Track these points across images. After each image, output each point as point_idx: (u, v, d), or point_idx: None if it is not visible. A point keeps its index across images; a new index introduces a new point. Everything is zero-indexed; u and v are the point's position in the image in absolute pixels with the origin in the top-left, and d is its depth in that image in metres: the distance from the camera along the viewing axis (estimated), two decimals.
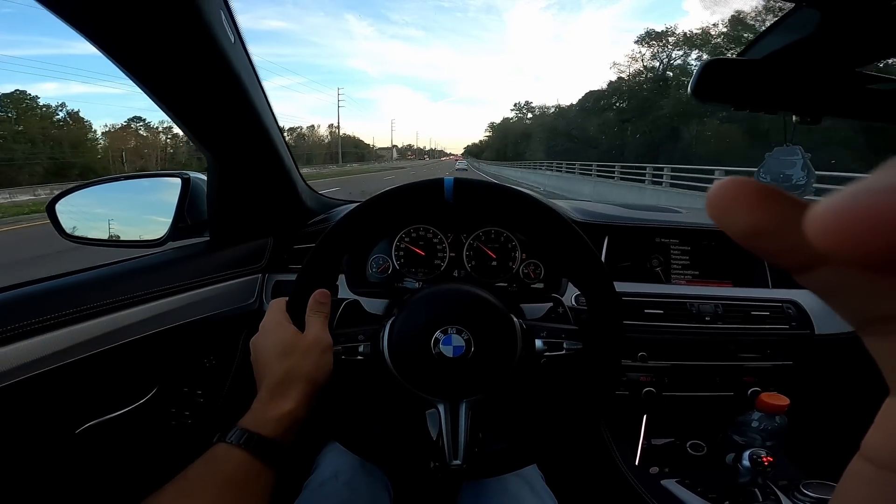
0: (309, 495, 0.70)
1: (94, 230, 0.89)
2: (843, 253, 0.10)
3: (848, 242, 0.10)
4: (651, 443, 0.93)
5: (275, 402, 0.49)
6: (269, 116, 0.78)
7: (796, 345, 0.88)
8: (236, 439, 0.45)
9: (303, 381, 0.51)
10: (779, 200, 0.13)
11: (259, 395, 0.51)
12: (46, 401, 0.63)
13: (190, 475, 0.43)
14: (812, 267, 0.13)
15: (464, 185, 0.62)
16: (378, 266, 0.92)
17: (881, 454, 0.15)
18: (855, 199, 0.10)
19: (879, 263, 0.10)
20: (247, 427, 0.47)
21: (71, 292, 0.67)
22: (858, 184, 0.11)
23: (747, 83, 0.58)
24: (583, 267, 0.60)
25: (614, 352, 0.59)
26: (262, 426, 0.47)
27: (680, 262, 0.96)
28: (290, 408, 0.49)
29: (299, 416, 0.50)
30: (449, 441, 0.57)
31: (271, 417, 0.48)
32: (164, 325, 0.75)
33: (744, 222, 0.13)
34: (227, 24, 0.62)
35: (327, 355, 0.55)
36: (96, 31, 0.54)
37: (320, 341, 0.54)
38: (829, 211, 0.11)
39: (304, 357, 0.52)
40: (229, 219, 0.89)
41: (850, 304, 0.14)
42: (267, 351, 0.53)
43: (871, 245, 0.10)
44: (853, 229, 0.10)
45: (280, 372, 0.51)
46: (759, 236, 0.13)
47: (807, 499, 0.72)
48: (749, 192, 0.13)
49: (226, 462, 0.44)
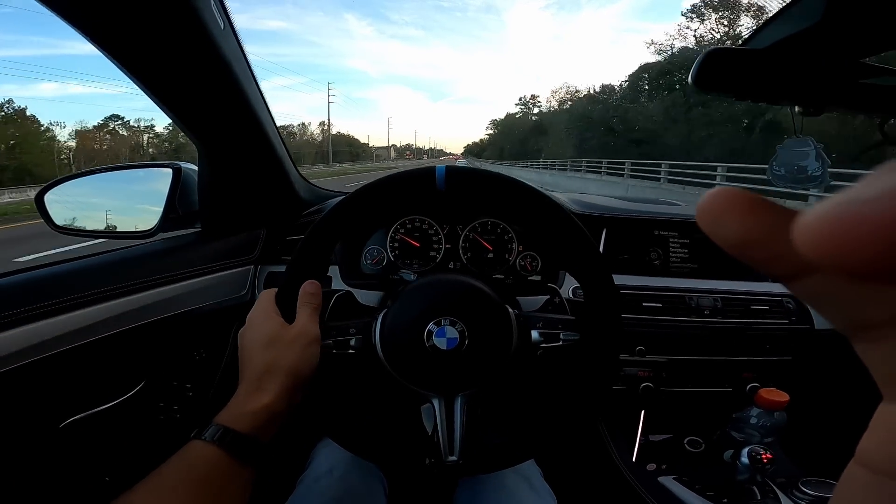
0: (303, 491, 0.69)
1: (84, 221, 0.88)
2: (832, 262, 0.11)
3: (836, 251, 0.10)
4: (648, 439, 0.93)
5: (252, 395, 0.48)
6: (262, 105, 0.76)
7: (796, 340, 0.87)
8: (210, 436, 0.44)
9: (283, 373, 0.49)
10: (767, 210, 0.13)
11: (238, 388, 0.49)
12: (29, 394, 0.61)
13: (163, 473, 0.41)
14: (801, 275, 0.13)
15: (456, 173, 0.60)
16: (373, 257, 0.91)
17: (876, 459, 0.15)
18: (843, 209, 0.10)
19: (867, 272, 0.10)
20: (223, 423, 0.45)
21: (56, 282, 0.66)
22: (846, 192, 0.11)
23: (749, 73, 0.57)
24: (580, 258, 0.58)
25: (612, 344, 0.58)
26: (238, 421, 0.46)
27: (679, 255, 0.95)
28: (267, 401, 0.48)
29: (278, 410, 0.48)
30: (444, 437, 0.56)
31: (248, 412, 0.47)
32: (153, 317, 0.73)
33: (733, 232, 0.13)
34: (216, 10, 0.61)
35: (312, 348, 0.53)
36: (80, 15, 0.53)
37: (306, 333, 0.53)
38: (817, 220, 0.11)
39: (287, 349, 0.51)
40: (221, 209, 0.88)
41: (839, 311, 0.14)
42: (252, 343, 0.52)
43: (858, 254, 0.10)
44: (841, 238, 0.10)
45: (261, 364, 0.50)
46: (749, 245, 0.13)
47: (806, 497, 0.72)
48: (738, 202, 0.13)
49: (199, 459, 0.43)
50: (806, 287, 0.14)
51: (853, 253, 0.10)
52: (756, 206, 0.13)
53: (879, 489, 0.14)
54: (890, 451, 0.14)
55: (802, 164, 0.66)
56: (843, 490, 0.16)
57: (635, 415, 0.93)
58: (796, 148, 0.66)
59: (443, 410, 0.57)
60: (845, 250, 0.10)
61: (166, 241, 0.85)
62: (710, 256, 0.96)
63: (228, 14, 0.64)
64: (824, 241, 0.11)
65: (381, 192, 0.59)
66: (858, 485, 0.15)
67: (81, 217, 0.88)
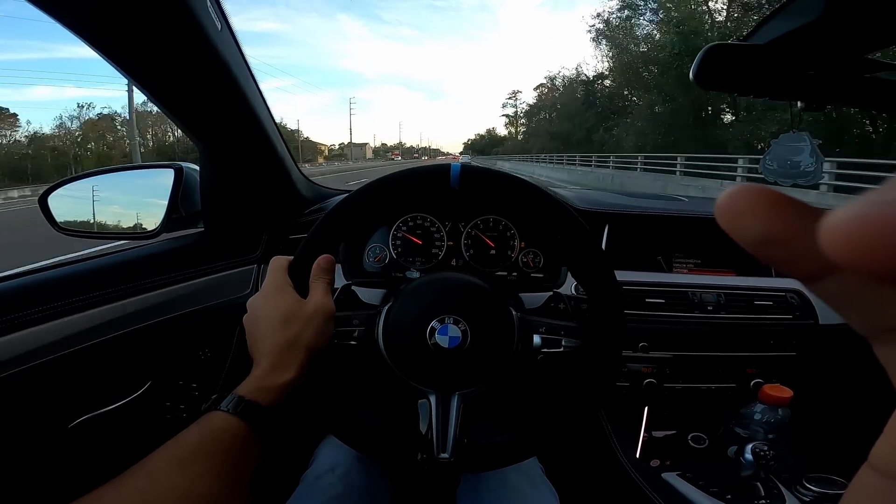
0: (306, 489, 0.69)
1: (87, 222, 0.89)
2: (859, 264, 0.10)
3: (864, 253, 0.10)
4: (652, 435, 0.92)
5: (276, 371, 0.48)
6: (261, 104, 0.76)
7: (800, 335, 0.86)
8: (233, 407, 0.44)
9: (303, 350, 0.50)
10: (791, 208, 0.13)
11: (258, 362, 0.49)
12: (38, 395, 0.62)
13: (182, 442, 0.41)
14: (823, 275, 0.13)
15: (471, 172, 0.60)
16: (375, 255, 0.91)
17: (891, 465, 0.14)
18: (871, 210, 0.10)
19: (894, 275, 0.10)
20: (245, 395, 0.45)
21: (62, 284, 0.67)
22: (874, 193, 0.11)
23: (750, 69, 0.56)
24: (584, 256, 0.58)
25: (615, 343, 0.58)
26: (261, 395, 0.46)
27: (681, 251, 0.95)
28: (289, 378, 0.48)
29: (297, 386, 0.49)
30: (438, 433, 0.56)
31: (271, 387, 0.47)
32: (158, 317, 0.74)
33: (755, 230, 0.13)
34: (213, 10, 0.61)
35: (329, 324, 0.53)
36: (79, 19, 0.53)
37: (324, 309, 0.53)
38: (845, 221, 0.10)
39: (307, 326, 0.51)
40: (223, 209, 0.88)
41: (861, 313, 0.14)
42: (267, 318, 0.52)
43: (887, 257, 0.10)
44: (869, 240, 0.10)
45: (282, 341, 0.49)
46: (771, 244, 0.13)
47: (810, 493, 0.71)
48: (761, 200, 0.13)
49: (221, 430, 0.43)
50: (828, 288, 0.13)
51: (880, 256, 0.10)
52: (780, 204, 0.13)
53: (894, 495, 0.14)
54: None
55: (796, 159, 0.66)
56: (855, 495, 0.16)
57: (638, 411, 0.93)
58: (791, 143, 0.66)
59: (438, 407, 0.57)
60: (874, 253, 0.10)
61: (169, 241, 0.86)
62: (713, 252, 0.95)
63: (225, 15, 0.64)
64: (851, 242, 0.10)
65: (396, 185, 0.60)
66: (871, 490, 0.15)
67: (84, 218, 0.89)
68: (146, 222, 0.87)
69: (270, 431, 0.46)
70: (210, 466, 0.40)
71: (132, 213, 0.91)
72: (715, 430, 0.91)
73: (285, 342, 0.49)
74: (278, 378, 0.48)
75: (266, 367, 0.48)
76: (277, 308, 0.52)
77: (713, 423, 0.91)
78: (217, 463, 0.40)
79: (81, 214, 0.88)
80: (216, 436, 0.42)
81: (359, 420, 0.57)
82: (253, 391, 0.46)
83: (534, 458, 0.76)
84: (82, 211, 0.88)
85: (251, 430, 0.44)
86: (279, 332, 0.50)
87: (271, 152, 0.84)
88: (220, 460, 0.41)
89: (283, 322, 0.51)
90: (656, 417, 0.93)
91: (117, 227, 0.90)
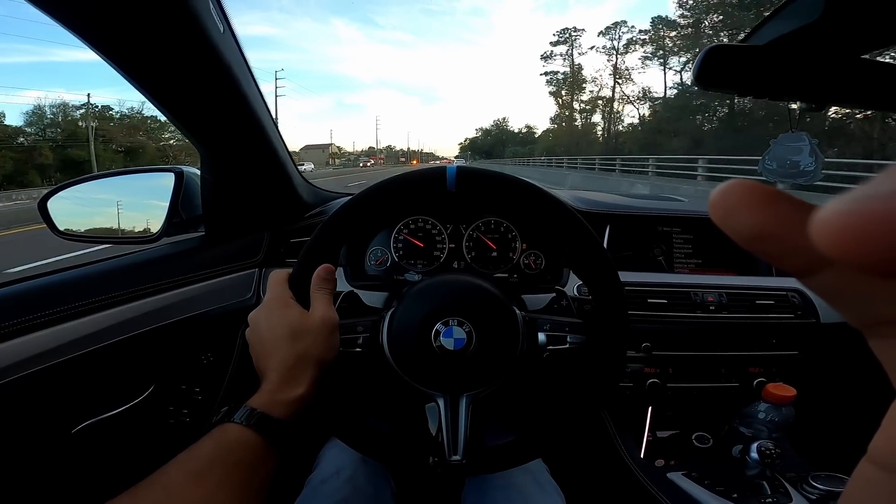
0: (311, 492, 0.69)
1: (87, 226, 0.88)
2: (850, 257, 0.10)
3: (854, 247, 0.10)
4: (656, 435, 0.92)
5: (287, 385, 0.48)
6: (262, 108, 0.76)
7: (802, 334, 0.86)
8: (247, 420, 0.44)
9: (313, 364, 0.49)
10: (783, 203, 0.13)
11: (268, 377, 0.49)
12: (41, 400, 0.62)
13: (197, 454, 0.41)
14: (816, 270, 0.13)
15: (466, 174, 0.60)
16: (376, 258, 0.91)
17: (889, 457, 0.15)
18: (862, 203, 0.10)
19: (886, 268, 0.10)
20: (258, 408, 0.45)
21: (65, 289, 0.66)
22: (865, 187, 0.11)
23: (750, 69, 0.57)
24: (587, 258, 0.58)
25: (619, 343, 0.58)
26: (274, 409, 0.46)
27: (683, 251, 0.95)
28: (301, 392, 0.48)
29: (309, 401, 0.49)
30: (448, 436, 0.56)
31: (283, 401, 0.47)
32: (161, 322, 0.74)
33: (748, 225, 0.13)
34: (215, 13, 0.60)
35: (335, 336, 0.53)
36: (81, 22, 0.53)
37: (329, 322, 0.52)
38: (836, 215, 0.11)
39: (315, 340, 0.50)
40: (224, 213, 0.88)
41: (855, 307, 0.14)
42: (273, 332, 0.51)
43: (878, 250, 0.10)
44: (860, 234, 0.10)
45: (291, 356, 0.49)
46: (763, 239, 0.13)
47: (816, 491, 0.71)
48: (754, 195, 0.13)
49: (236, 443, 0.42)
50: (821, 282, 0.14)
51: (872, 249, 0.10)
52: (771, 199, 0.13)
53: (892, 487, 0.14)
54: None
55: (795, 159, 0.66)
56: (855, 487, 0.16)
57: (642, 411, 0.93)
58: (790, 143, 0.66)
59: (447, 410, 0.57)
60: (864, 246, 0.10)
61: (170, 245, 0.86)
62: (715, 251, 0.95)
63: (227, 17, 0.64)
64: (842, 235, 0.10)
65: (393, 190, 0.60)
66: (870, 483, 0.15)
67: (84, 222, 0.89)
68: (147, 226, 0.86)
69: (284, 444, 0.45)
70: (225, 478, 0.40)
71: (133, 217, 0.91)
72: (719, 429, 0.91)
73: (295, 357, 0.49)
74: (290, 392, 0.47)
75: (277, 382, 0.48)
76: (283, 323, 0.51)
77: (717, 423, 0.91)
78: (232, 475, 0.40)
79: (82, 218, 0.88)
80: (231, 447, 0.42)
81: (368, 425, 0.57)
82: (266, 404, 0.46)
83: (539, 459, 0.76)
84: (83, 215, 0.88)
85: (265, 442, 0.43)
86: (287, 346, 0.50)
87: (272, 156, 0.84)
88: (234, 472, 0.41)
89: (290, 337, 0.50)
90: (660, 417, 0.93)
91: (118, 231, 0.90)
